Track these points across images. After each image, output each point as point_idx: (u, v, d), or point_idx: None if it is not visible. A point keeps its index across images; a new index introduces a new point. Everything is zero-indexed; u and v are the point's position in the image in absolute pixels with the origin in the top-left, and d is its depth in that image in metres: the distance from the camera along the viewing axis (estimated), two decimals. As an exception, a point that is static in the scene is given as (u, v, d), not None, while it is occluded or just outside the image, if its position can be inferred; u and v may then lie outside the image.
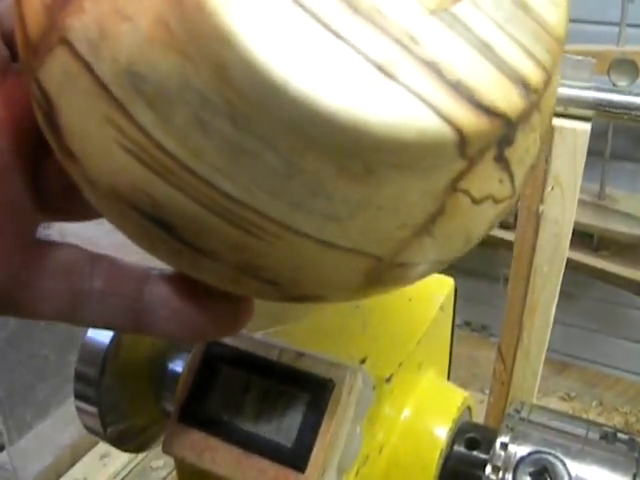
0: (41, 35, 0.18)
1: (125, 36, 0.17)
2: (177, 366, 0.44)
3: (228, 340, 0.35)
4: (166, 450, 0.34)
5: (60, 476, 0.96)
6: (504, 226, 1.09)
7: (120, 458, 0.99)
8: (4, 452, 0.93)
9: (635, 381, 1.31)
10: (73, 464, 0.98)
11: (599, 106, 0.59)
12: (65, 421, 0.98)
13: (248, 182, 0.17)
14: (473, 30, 0.18)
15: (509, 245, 0.70)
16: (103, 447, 1.00)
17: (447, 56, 0.17)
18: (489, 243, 1.05)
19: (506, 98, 0.17)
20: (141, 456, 1.00)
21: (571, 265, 1.12)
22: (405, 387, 0.37)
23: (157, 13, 0.16)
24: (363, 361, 0.35)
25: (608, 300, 1.29)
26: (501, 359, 0.71)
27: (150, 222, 0.19)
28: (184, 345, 0.44)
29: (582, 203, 1.10)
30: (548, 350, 0.71)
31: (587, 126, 0.59)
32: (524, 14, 0.19)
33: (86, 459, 0.99)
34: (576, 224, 1.07)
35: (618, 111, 0.59)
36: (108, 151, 0.18)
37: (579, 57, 0.61)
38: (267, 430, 0.33)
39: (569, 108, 0.60)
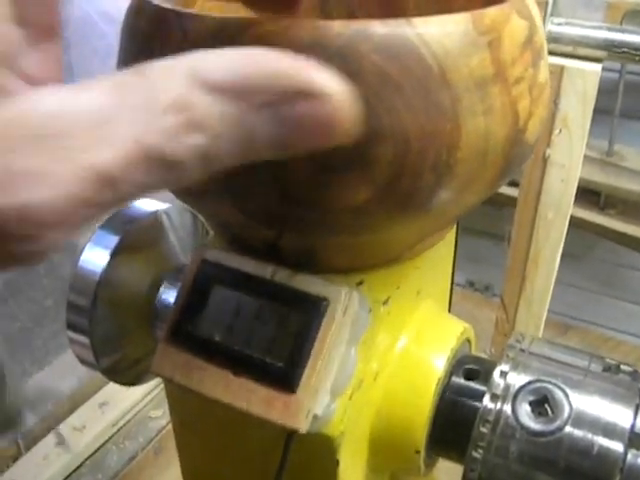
0: None
1: None
2: (171, 296, 0.43)
3: (221, 260, 0.34)
4: (155, 370, 0.33)
5: (58, 424, 0.96)
6: (510, 183, 1.08)
7: (119, 407, 0.98)
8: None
9: (638, 344, 1.30)
10: (71, 412, 0.98)
11: (610, 46, 0.57)
12: (64, 369, 0.98)
13: None
14: None
15: (515, 203, 0.69)
16: (102, 395, 1.00)
17: None
18: (494, 201, 1.04)
19: None
20: (140, 405, 1.00)
21: (577, 223, 1.11)
22: (402, 313, 0.36)
23: None
24: (360, 283, 0.34)
25: (612, 261, 1.28)
26: (503, 308, 0.70)
27: None
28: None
29: (590, 160, 1.08)
30: (551, 311, 0.71)
31: (597, 67, 0.57)
32: None
33: (85, 407, 0.99)
34: (583, 181, 1.06)
35: (630, 52, 0.57)
36: None
37: (591, -4, 0.59)
38: (258, 350, 0.32)
39: (578, 48, 0.58)
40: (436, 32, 0.25)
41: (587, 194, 1.10)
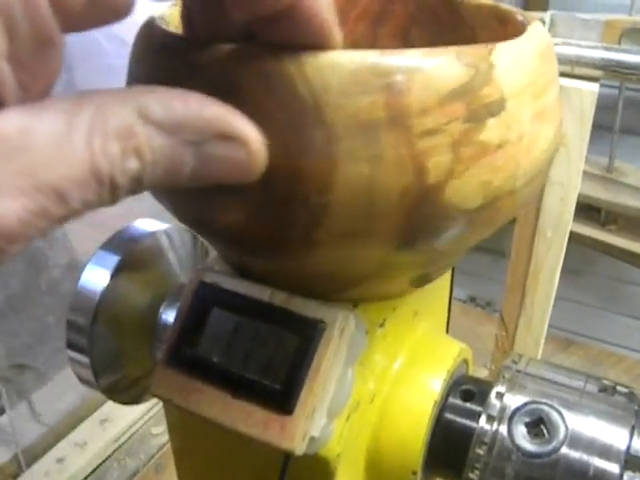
0: None
1: None
2: (170, 316, 0.43)
3: (219, 282, 0.34)
4: (154, 392, 0.34)
5: (60, 440, 0.96)
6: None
7: (120, 423, 0.99)
8: (4, 415, 0.93)
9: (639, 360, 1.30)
10: (72, 428, 0.98)
11: (607, 66, 0.58)
12: (65, 386, 0.98)
13: None
14: None
15: (514, 220, 0.69)
16: (103, 412, 1.00)
17: None
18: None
19: None
20: (141, 422, 1.00)
21: (578, 239, 1.12)
22: (399, 334, 0.36)
23: None
24: (356, 306, 0.34)
25: (614, 277, 1.28)
26: (503, 326, 0.70)
27: None
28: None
29: (590, 176, 1.08)
30: (552, 327, 0.71)
31: (594, 86, 0.58)
32: None
33: (86, 424, 0.99)
34: (584, 197, 1.07)
35: (626, 71, 0.57)
36: None
37: (587, 17, 0.60)
38: (255, 372, 0.32)
39: (576, 68, 0.59)
40: (321, 67, 0.24)
41: (588, 210, 1.10)
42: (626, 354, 1.32)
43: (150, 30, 0.29)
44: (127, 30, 0.31)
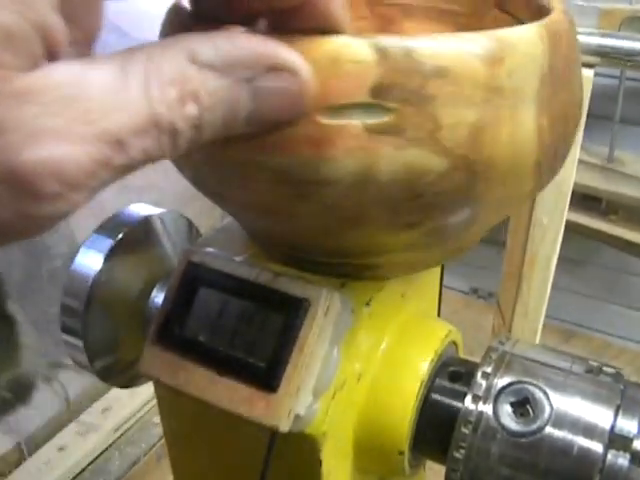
0: None
1: None
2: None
3: (207, 262, 0.34)
4: (142, 371, 0.34)
5: (61, 429, 0.97)
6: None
7: (121, 412, 0.99)
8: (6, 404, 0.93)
9: (641, 351, 1.30)
10: (74, 417, 0.98)
11: (603, 52, 0.58)
12: (67, 375, 0.99)
13: None
14: None
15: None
16: (105, 401, 1.01)
17: None
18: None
19: None
20: (143, 411, 1.00)
21: (578, 230, 1.12)
22: (386, 314, 0.36)
23: None
24: (343, 285, 0.34)
25: (615, 268, 1.28)
26: (500, 314, 0.70)
27: None
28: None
29: (591, 166, 1.08)
30: (553, 318, 0.71)
31: (590, 72, 0.58)
32: None
33: (87, 412, 0.99)
34: (584, 188, 1.07)
35: (622, 57, 0.57)
36: None
37: (583, 3, 0.60)
38: (241, 350, 0.32)
39: (572, 55, 0.59)
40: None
41: (588, 200, 1.10)
42: (628, 346, 1.32)
43: (177, 15, 0.29)
44: (127, 21, 0.31)
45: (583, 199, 1.09)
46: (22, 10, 0.18)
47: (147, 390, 0.88)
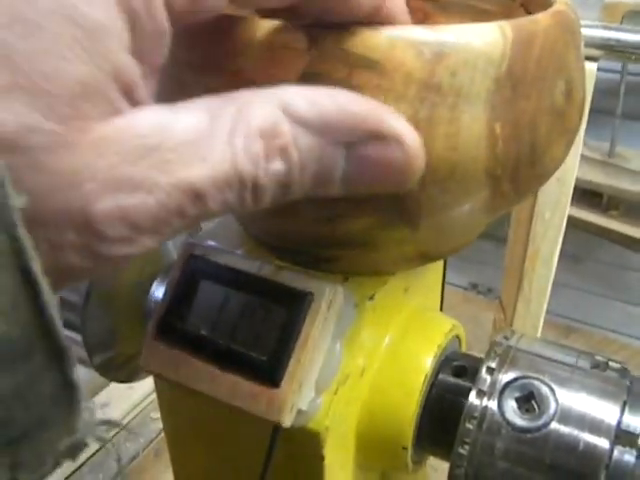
0: None
1: None
2: (162, 293, 0.43)
3: (208, 255, 0.34)
4: (143, 365, 0.34)
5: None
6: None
7: (120, 408, 0.99)
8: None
9: (642, 347, 1.30)
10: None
11: (606, 45, 0.57)
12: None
13: None
14: None
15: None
16: (103, 396, 1.00)
17: None
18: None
19: None
20: (141, 406, 1.00)
21: (579, 225, 1.11)
22: (389, 309, 0.36)
23: None
24: (346, 279, 0.34)
25: (616, 263, 1.28)
26: (502, 308, 0.70)
27: None
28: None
29: (592, 162, 1.08)
30: (553, 314, 0.70)
31: (593, 65, 0.57)
32: None
33: (86, 408, 0.99)
34: (585, 183, 1.06)
35: (625, 50, 0.57)
36: None
37: (587, -5, 0.59)
38: (243, 345, 0.32)
39: (576, 48, 0.58)
40: None
41: (589, 196, 1.09)
42: (628, 342, 1.32)
43: None
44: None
45: (584, 194, 1.08)
46: (96, 59, 0.17)
47: (145, 385, 0.88)
